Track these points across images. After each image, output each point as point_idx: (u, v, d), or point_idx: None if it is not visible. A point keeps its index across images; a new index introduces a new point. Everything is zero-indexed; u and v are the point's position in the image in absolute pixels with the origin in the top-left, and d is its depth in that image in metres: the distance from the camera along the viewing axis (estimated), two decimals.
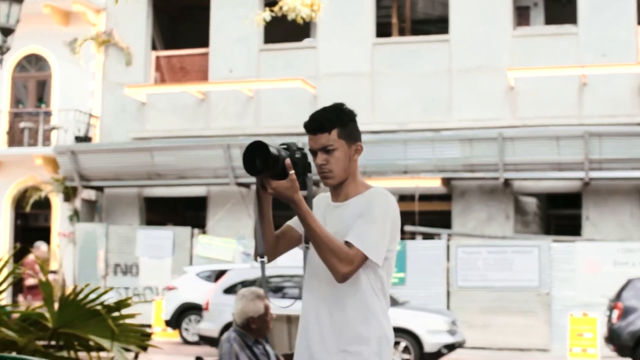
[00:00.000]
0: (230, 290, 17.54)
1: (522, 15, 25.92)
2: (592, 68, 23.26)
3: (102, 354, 5.84)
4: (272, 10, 13.32)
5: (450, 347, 16.60)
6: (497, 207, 24.03)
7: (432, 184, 23.62)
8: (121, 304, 5.61)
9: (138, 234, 24.75)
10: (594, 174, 22.52)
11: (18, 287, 20.02)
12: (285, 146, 3.88)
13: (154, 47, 28.22)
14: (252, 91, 26.01)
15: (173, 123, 26.76)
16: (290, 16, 13.02)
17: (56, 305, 5.54)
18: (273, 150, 3.72)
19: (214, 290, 17.90)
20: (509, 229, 23.80)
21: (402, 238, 21.81)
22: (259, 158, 3.71)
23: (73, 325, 5.54)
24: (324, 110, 4.04)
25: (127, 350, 5.77)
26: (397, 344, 16.22)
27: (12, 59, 27.67)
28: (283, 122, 25.17)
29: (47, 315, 5.59)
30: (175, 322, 21.07)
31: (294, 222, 4.17)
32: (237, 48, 26.35)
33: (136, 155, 25.59)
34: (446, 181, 23.84)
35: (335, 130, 4.00)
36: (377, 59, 25.31)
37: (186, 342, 20.79)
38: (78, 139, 26.75)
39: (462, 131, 23.75)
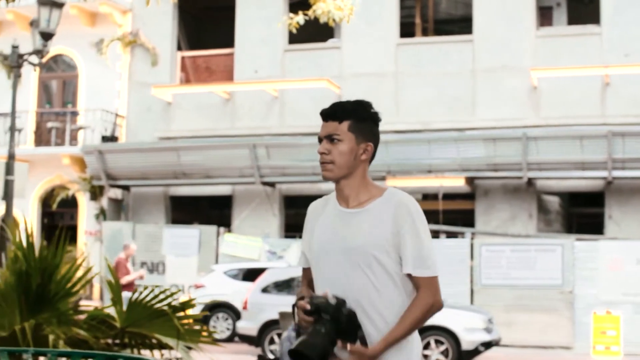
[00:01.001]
0: (267, 289, 17.80)
1: (544, 16, 26.08)
2: (615, 68, 23.42)
3: (164, 351, 6.10)
4: (305, 14, 13.54)
5: (487, 345, 16.68)
6: (520, 205, 24.20)
7: (456, 183, 23.80)
8: (186, 305, 5.87)
9: (164, 233, 25.04)
10: (617, 173, 22.66)
11: None
12: (323, 314, 3.55)
13: (178, 48, 28.49)
14: (277, 91, 26.26)
15: (198, 123, 27.04)
16: (323, 19, 13.22)
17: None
18: (314, 354, 3.46)
19: (252, 290, 18.11)
20: (532, 228, 23.97)
21: None
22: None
23: (140, 324, 5.80)
24: (346, 101, 3.84)
25: (189, 348, 6.01)
26: (439, 343, 16.38)
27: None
28: (308, 122, 25.40)
29: (115, 314, 5.85)
30: (203, 320, 21.32)
31: (305, 262, 3.99)
32: (262, 48, 26.61)
33: (163, 155, 25.90)
34: (470, 180, 24.02)
35: (347, 122, 3.76)
36: (401, 59, 25.52)
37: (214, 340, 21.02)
38: (105, 139, 27.08)
39: (486, 131, 23.93)
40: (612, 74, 23.60)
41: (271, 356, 16.63)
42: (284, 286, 17.55)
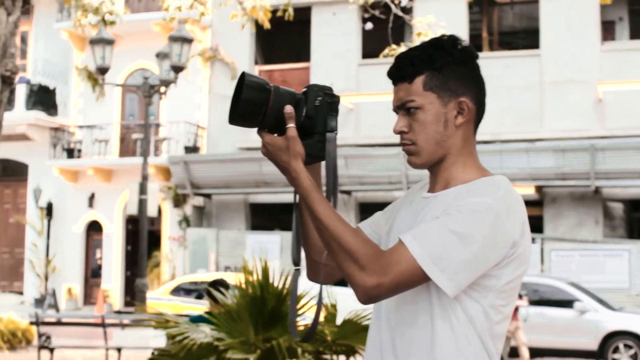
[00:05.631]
0: None
1: (607, 30, 27.10)
2: None
3: (359, 357, 7.48)
4: (407, 46, 14.83)
5: None
6: (586, 212, 25.27)
7: (526, 191, 24.87)
8: None
9: (247, 238, 26.39)
10: None
11: None
12: (305, 89, 2.56)
13: (255, 62, 29.83)
14: (352, 104, 27.55)
15: None
16: None
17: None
18: (253, 82, 2.44)
19: None
20: (599, 233, 25.02)
21: None
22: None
23: (347, 337, 7.15)
24: (416, 46, 2.55)
25: None
26: (628, 347, 17.49)
27: (122, 73, 29.58)
28: (382, 133, 26.59)
29: (326, 330, 7.22)
30: None
31: (370, 223, 2.73)
32: (337, 62, 27.91)
33: (245, 165, 27.25)
34: (538, 188, 25.15)
35: (421, 78, 2.48)
36: None
37: None
38: (187, 149, 28.53)
39: (555, 142, 25.04)
40: None
41: None
42: None
